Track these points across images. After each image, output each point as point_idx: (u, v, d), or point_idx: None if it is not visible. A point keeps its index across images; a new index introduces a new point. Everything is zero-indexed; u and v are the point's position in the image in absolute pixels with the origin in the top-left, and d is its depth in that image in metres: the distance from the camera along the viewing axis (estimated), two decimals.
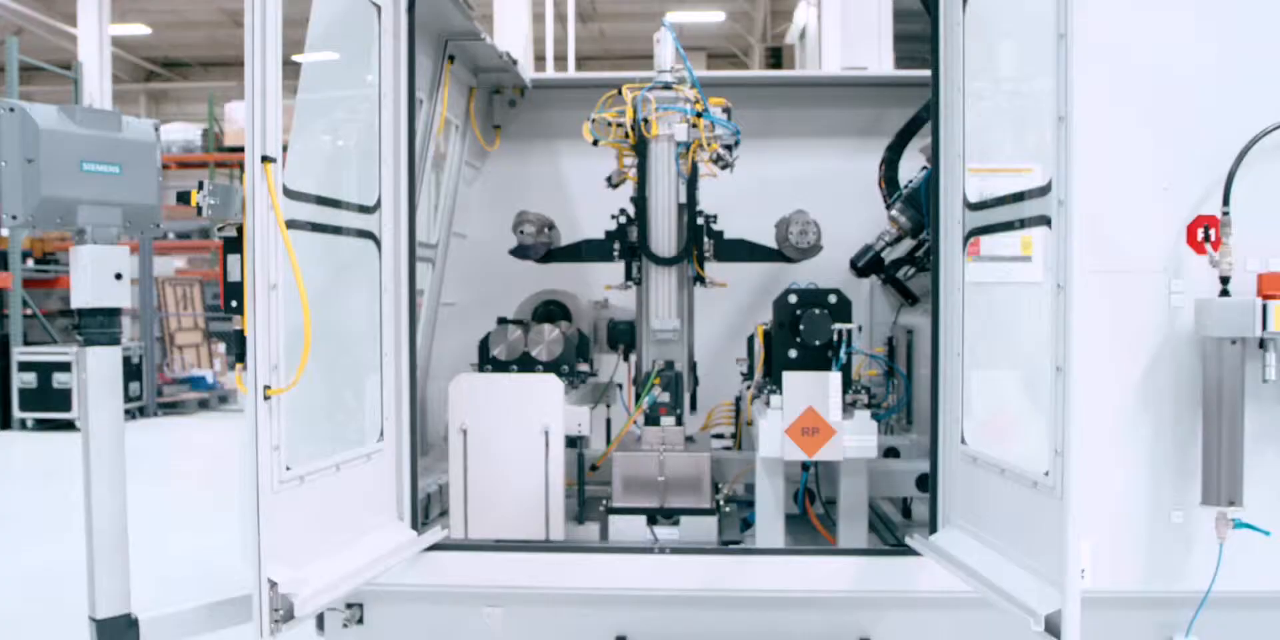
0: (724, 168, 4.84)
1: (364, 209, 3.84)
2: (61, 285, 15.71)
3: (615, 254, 4.95)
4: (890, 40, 11.47)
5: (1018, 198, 3.40)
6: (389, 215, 3.92)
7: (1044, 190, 3.17)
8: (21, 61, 14.33)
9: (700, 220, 4.91)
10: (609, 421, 5.62)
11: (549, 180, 6.62)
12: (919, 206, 4.92)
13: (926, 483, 4.83)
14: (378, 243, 3.87)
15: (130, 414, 14.62)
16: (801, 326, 4.28)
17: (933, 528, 3.98)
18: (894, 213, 5.04)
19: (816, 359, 4.30)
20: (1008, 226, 3.47)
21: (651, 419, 4.75)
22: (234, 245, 3.15)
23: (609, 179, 5.15)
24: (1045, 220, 3.16)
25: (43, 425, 14.35)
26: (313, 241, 3.49)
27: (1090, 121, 3.03)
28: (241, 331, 3.09)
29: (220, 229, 3.16)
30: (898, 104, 6.09)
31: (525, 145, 6.54)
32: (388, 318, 3.90)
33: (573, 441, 4.72)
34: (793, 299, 4.37)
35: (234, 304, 3.14)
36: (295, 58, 3.70)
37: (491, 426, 4.39)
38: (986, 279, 3.78)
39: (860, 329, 4.31)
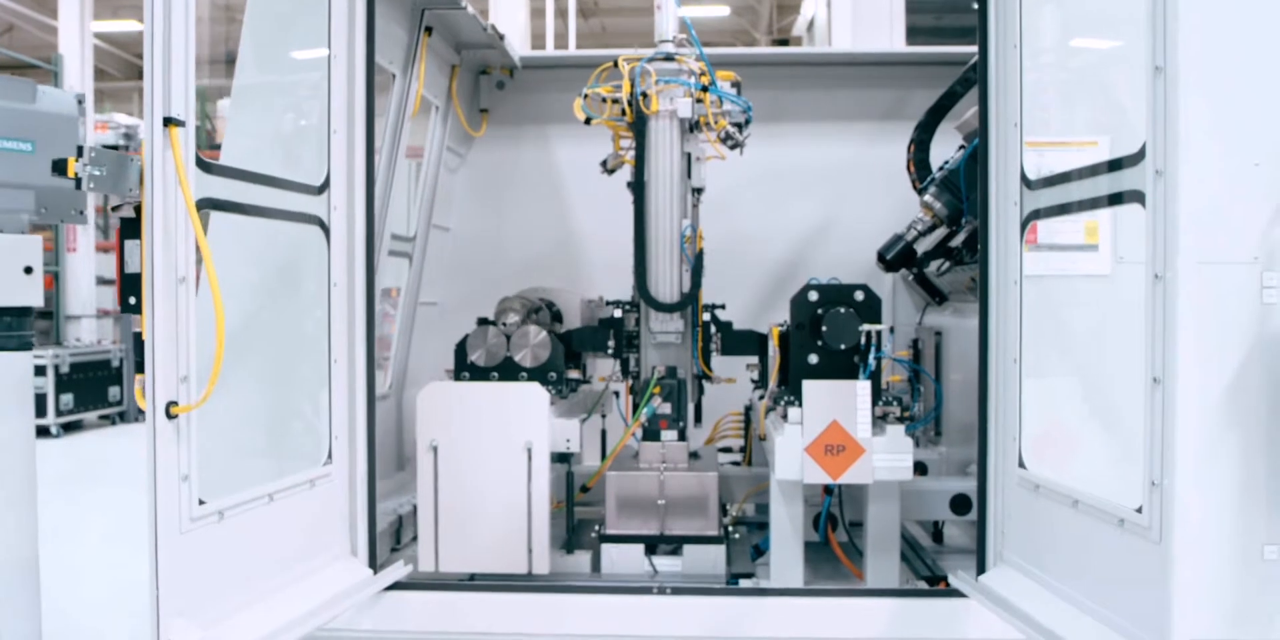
0: (733, 147, 4.25)
1: (308, 189, 3.23)
2: None
3: (610, 347, 4.38)
4: (903, 30, 10.91)
5: (1095, 171, 2.78)
6: (341, 197, 3.33)
7: (1133, 159, 2.57)
8: (1, 56, 13.77)
9: (706, 315, 4.36)
10: (604, 433, 5.06)
11: (540, 169, 6.15)
12: (957, 190, 4.33)
13: (963, 505, 4.28)
14: (325, 229, 3.27)
15: (110, 419, 14.05)
16: (824, 327, 3.68)
17: (980, 565, 3.38)
18: (927, 198, 4.44)
19: (841, 365, 3.70)
20: (1083, 206, 2.85)
21: (650, 433, 4.18)
22: (132, 229, 2.55)
23: (604, 164, 4.59)
24: (1136, 196, 2.56)
25: None
26: (241, 227, 2.90)
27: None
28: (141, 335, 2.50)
29: (116, 208, 2.57)
30: (923, 85, 5.58)
31: (514, 131, 6.08)
32: (338, 317, 3.30)
33: (563, 458, 4.15)
34: (813, 296, 3.78)
35: (133, 301, 2.55)
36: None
37: (466, 443, 3.81)
38: (1047, 271, 3.17)
39: (892, 330, 3.72)
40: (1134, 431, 2.52)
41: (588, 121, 4.32)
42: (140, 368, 2.49)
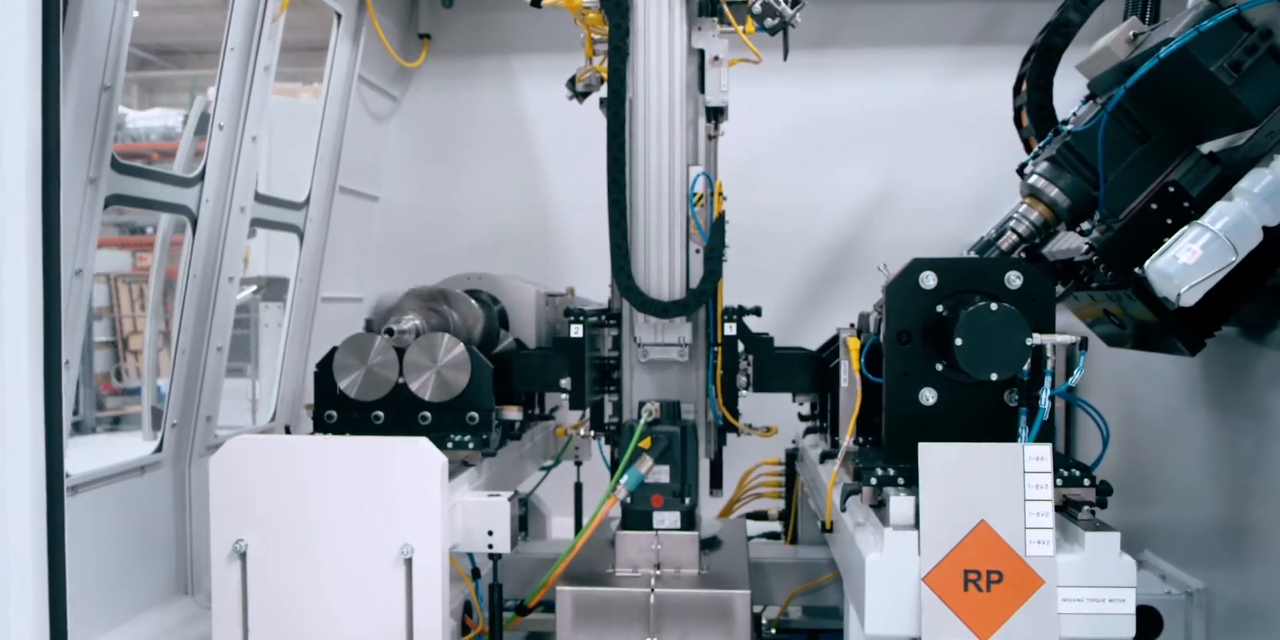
0: (774, 31, 2.57)
1: None
2: None
3: (563, 384, 2.80)
4: None
5: None
6: None
7: None
8: None
9: (730, 326, 2.79)
10: (579, 488, 3.49)
11: (502, 114, 4.73)
12: (1089, 167, 2.32)
13: (1151, 624, 2.62)
14: None
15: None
16: (958, 340, 1.91)
17: None
18: (1036, 181, 2.36)
19: (985, 411, 1.97)
20: None
21: (636, 516, 2.50)
22: None
23: (570, 84, 2.98)
24: None
25: None
26: None
27: None
28: None
29: None
30: None
31: (468, 64, 4.83)
32: None
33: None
34: (930, 281, 2.03)
35: None
36: None
37: (295, 545, 2.15)
38: None
39: (1084, 346, 1.99)
40: None
41: (535, 3, 2.66)
42: None
